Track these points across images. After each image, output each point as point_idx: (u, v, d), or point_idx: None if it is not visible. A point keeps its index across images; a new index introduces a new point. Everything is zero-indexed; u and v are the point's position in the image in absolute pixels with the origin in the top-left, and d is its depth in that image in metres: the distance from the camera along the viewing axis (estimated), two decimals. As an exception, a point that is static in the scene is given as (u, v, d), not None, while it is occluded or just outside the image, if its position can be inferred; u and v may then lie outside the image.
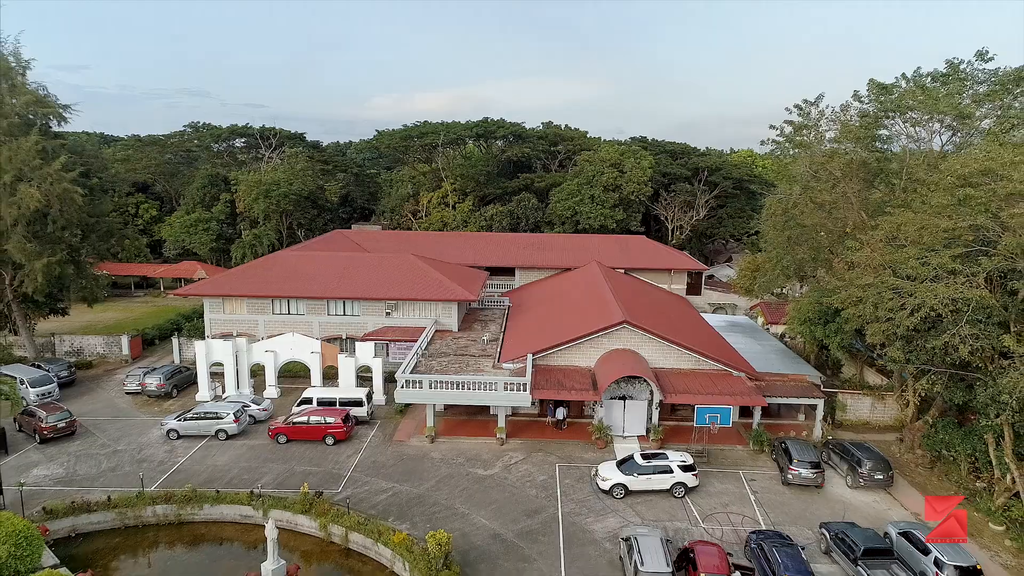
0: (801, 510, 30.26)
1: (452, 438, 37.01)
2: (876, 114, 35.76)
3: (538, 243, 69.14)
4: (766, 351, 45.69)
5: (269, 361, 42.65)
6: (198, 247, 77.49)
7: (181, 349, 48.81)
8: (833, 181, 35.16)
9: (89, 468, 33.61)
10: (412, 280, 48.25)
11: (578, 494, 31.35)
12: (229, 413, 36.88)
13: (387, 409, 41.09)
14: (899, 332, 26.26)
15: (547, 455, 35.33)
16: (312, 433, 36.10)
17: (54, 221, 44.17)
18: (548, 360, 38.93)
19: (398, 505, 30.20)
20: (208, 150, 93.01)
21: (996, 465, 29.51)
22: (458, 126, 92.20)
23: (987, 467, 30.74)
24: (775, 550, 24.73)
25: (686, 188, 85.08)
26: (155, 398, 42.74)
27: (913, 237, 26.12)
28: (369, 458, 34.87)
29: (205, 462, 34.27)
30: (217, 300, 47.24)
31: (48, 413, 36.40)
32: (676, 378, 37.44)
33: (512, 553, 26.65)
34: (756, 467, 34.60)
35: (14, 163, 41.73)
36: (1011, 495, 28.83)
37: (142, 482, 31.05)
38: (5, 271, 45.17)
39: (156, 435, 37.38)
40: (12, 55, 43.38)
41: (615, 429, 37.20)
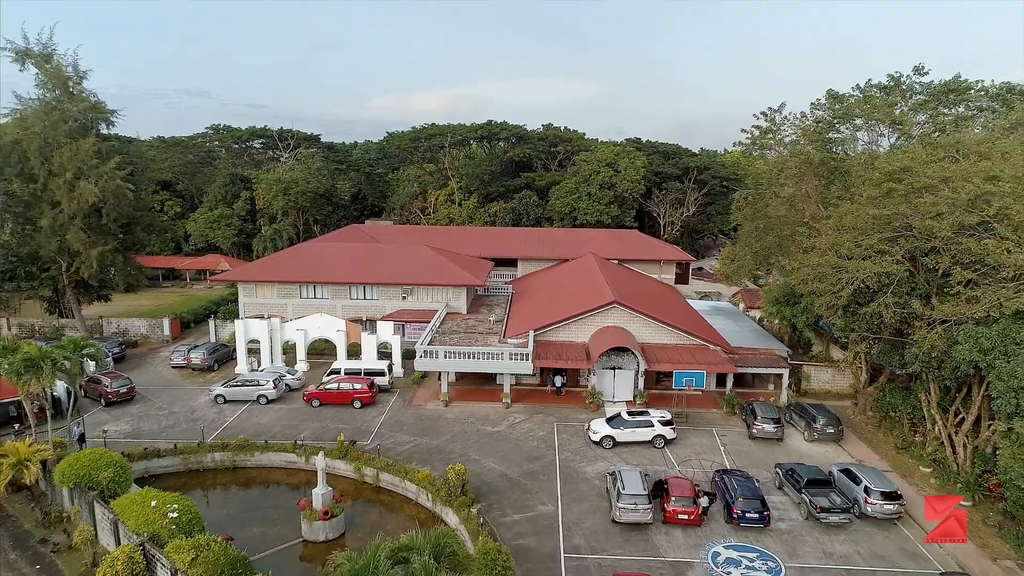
0: (763, 457, 35.59)
1: (463, 403, 42.34)
2: (830, 120, 41.16)
3: (538, 237, 74.50)
4: (743, 331, 50.99)
5: (300, 338, 47.99)
6: (221, 241, 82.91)
7: (217, 329, 54.13)
8: (795, 178, 40.52)
9: (151, 425, 38.99)
10: (425, 268, 53.56)
11: (573, 445, 36.69)
12: (269, 381, 42.26)
13: (405, 380, 46.42)
14: (839, 303, 31.57)
15: (547, 416, 40.67)
16: (342, 398, 41.45)
17: (107, 214, 49.55)
18: (547, 336, 44.25)
19: (419, 453, 35.54)
20: (228, 151, 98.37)
21: (927, 418, 34.84)
22: (463, 128, 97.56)
23: (923, 423, 36.07)
24: (733, 479, 30.13)
25: (677, 186, 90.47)
26: (198, 371, 48.11)
27: (851, 224, 31.40)
28: (392, 418, 40.23)
29: (250, 421, 39.64)
30: (250, 285, 52.60)
31: (112, 380, 41.80)
32: (660, 351, 42.77)
33: (517, 487, 31.99)
34: (728, 426, 39.92)
35: (74, 162, 47.07)
36: (938, 442, 34.14)
37: (203, 433, 36.47)
38: (63, 259, 50.49)
39: (204, 400, 42.75)
40: (71, 66, 48.74)
41: (606, 395, 42.51)
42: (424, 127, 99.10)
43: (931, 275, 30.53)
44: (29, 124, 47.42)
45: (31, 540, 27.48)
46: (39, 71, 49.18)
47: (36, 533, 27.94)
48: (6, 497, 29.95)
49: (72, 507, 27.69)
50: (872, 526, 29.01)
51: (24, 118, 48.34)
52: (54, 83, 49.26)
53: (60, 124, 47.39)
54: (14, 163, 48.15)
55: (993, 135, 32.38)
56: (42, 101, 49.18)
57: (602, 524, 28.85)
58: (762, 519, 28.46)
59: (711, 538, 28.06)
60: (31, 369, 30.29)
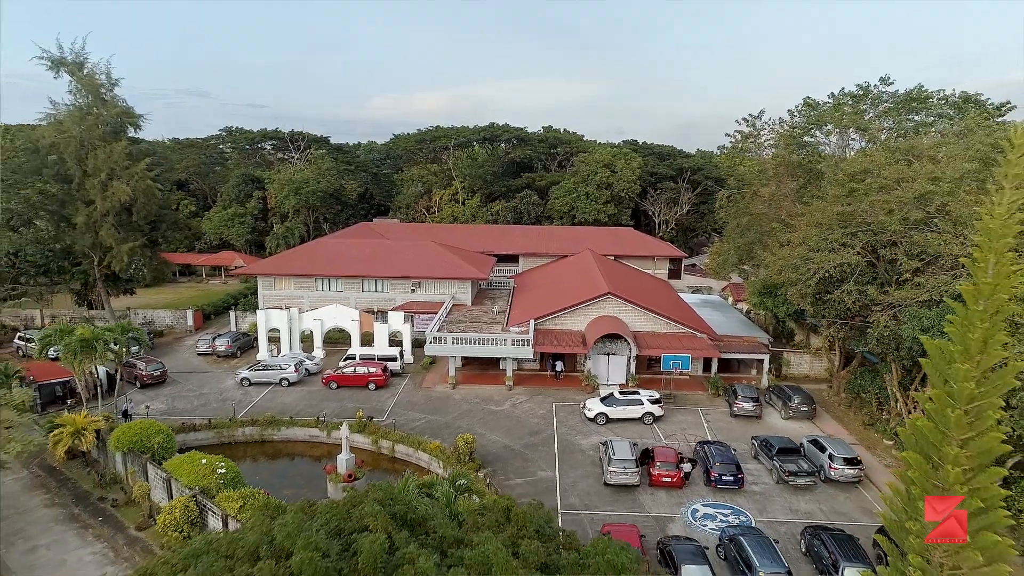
0: (742, 432, 39.19)
1: (470, 386, 45.95)
2: (805, 125, 44.80)
3: (539, 234, 78.10)
4: (730, 321, 54.61)
5: (317, 327, 51.62)
6: (235, 238, 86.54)
7: (237, 320, 57.75)
8: (774, 179, 44.15)
9: (184, 404, 42.61)
10: (433, 262, 57.18)
11: (570, 422, 40.31)
12: (290, 365, 45.90)
13: (415, 366, 50.04)
14: (808, 291, 35.18)
15: (546, 397, 44.30)
16: (358, 380, 45.08)
17: (137, 212, 53.16)
18: (547, 325, 47.85)
19: (430, 428, 39.15)
20: (240, 152, 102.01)
21: (891, 397, 38.45)
22: (467, 130, 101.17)
23: (888, 402, 39.67)
24: (712, 448, 33.78)
25: (671, 186, 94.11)
26: (223, 357, 51.73)
27: (819, 220, 34.99)
28: (404, 399, 43.86)
29: (274, 401, 43.26)
30: (270, 279, 56.21)
31: (146, 364, 45.44)
32: (650, 338, 46.38)
33: (519, 457, 35.63)
34: (712, 406, 43.53)
35: (108, 163, 50.69)
36: (900, 418, 37.74)
37: (234, 410, 40.13)
38: (95, 254, 54.12)
39: (231, 383, 46.38)
40: (104, 74, 52.38)
41: (601, 378, 46.12)
42: (429, 129, 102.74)
43: (889, 266, 34.15)
44: (66, 128, 50.99)
45: (91, 498, 31.13)
46: (72, 78, 52.81)
47: (94, 492, 31.60)
48: (64, 463, 33.61)
49: (128, 468, 31.31)
50: (835, 488, 32.65)
51: (60, 122, 51.92)
52: (87, 90, 52.85)
53: (95, 128, 50.99)
54: (51, 164, 51.76)
55: (944, 140, 35.95)
56: (75, 106, 52.76)
57: (595, 486, 32.47)
58: (736, 482, 32.10)
59: (691, 498, 31.70)
60: (86, 349, 33.93)
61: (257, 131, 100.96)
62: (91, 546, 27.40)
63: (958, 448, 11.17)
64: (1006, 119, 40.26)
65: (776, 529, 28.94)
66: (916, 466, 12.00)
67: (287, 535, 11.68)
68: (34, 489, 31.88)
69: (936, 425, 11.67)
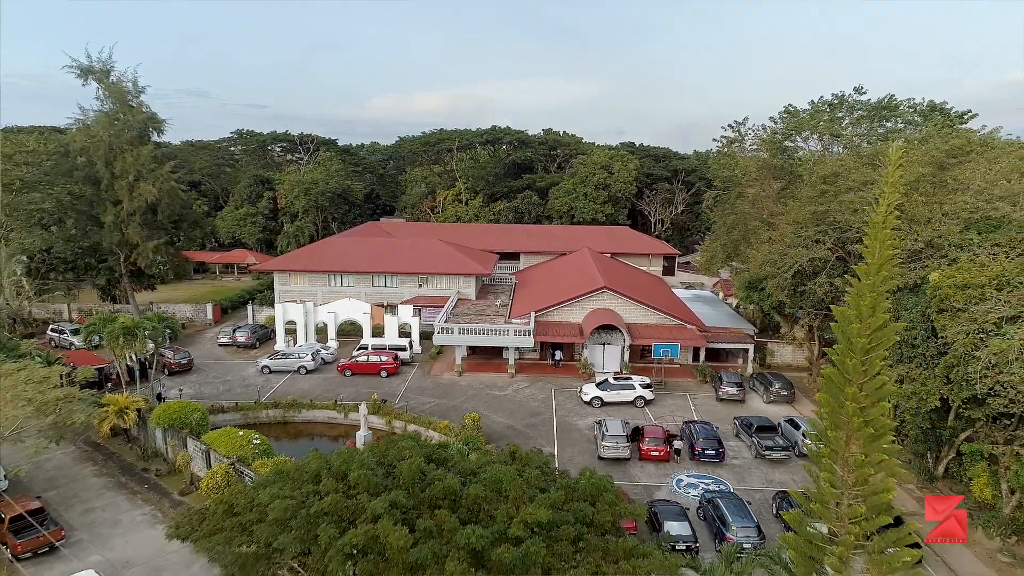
0: (726, 414, 42.55)
1: (474, 373, 49.33)
2: (784, 131, 48.19)
3: (539, 233, 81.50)
4: (719, 314, 57.98)
5: (331, 320, 55.02)
6: (246, 237, 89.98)
7: (254, 313, 61.14)
8: (757, 181, 47.51)
9: (210, 390, 45.97)
10: (439, 259, 60.56)
11: (567, 405, 43.70)
12: (308, 354, 49.30)
13: (423, 355, 53.43)
14: (785, 284, 38.55)
15: (546, 383, 47.68)
16: (371, 368, 48.47)
17: (162, 212, 56.56)
18: (547, 317, 51.20)
19: (439, 410, 42.51)
20: (251, 154, 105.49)
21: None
22: (469, 133, 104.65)
23: (861, 386, 43.05)
24: (697, 426, 37.17)
25: (666, 187, 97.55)
26: (242, 348, 55.12)
27: (795, 219, 38.34)
28: (414, 385, 47.25)
29: (294, 386, 46.64)
30: (285, 274, 59.61)
31: (174, 353, 48.86)
32: (643, 329, 49.75)
33: (521, 435, 38.98)
34: (700, 392, 46.92)
35: (135, 166, 54.09)
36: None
37: (258, 394, 43.53)
38: (121, 251, 57.52)
39: (252, 371, 49.77)
40: (131, 82, 55.79)
41: (597, 367, 49.50)
42: (433, 132, 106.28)
43: (856, 260, 37.51)
44: (95, 133, 54.39)
45: (135, 469, 34.53)
46: (100, 86, 56.21)
47: (137, 464, 35.00)
48: (107, 439, 37.00)
49: (169, 442, 34.71)
50: (807, 461, 35.96)
51: (89, 127, 55.33)
52: (114, 97, 56.25)
53: (123, 133, 54.39)
54: (81, 167, 55.17)
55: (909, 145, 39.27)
56: (104, 112, 56.15)
57: (590, 460, 35.78)
58: (718, 455, 35.49)
59: (677, 470, 35.09)
60: (127, 335, 37.34)
61: (267, 133, 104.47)
62: (140, 508, 30.80)
63: (855, 388, 14.47)
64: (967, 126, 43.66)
65: (752, 495, 32.28)
66: (827, 404, 15.32)
67: (342, 462, 14.98)
68: (83, 462, 35.29)
69: (840, 372, 15.00)
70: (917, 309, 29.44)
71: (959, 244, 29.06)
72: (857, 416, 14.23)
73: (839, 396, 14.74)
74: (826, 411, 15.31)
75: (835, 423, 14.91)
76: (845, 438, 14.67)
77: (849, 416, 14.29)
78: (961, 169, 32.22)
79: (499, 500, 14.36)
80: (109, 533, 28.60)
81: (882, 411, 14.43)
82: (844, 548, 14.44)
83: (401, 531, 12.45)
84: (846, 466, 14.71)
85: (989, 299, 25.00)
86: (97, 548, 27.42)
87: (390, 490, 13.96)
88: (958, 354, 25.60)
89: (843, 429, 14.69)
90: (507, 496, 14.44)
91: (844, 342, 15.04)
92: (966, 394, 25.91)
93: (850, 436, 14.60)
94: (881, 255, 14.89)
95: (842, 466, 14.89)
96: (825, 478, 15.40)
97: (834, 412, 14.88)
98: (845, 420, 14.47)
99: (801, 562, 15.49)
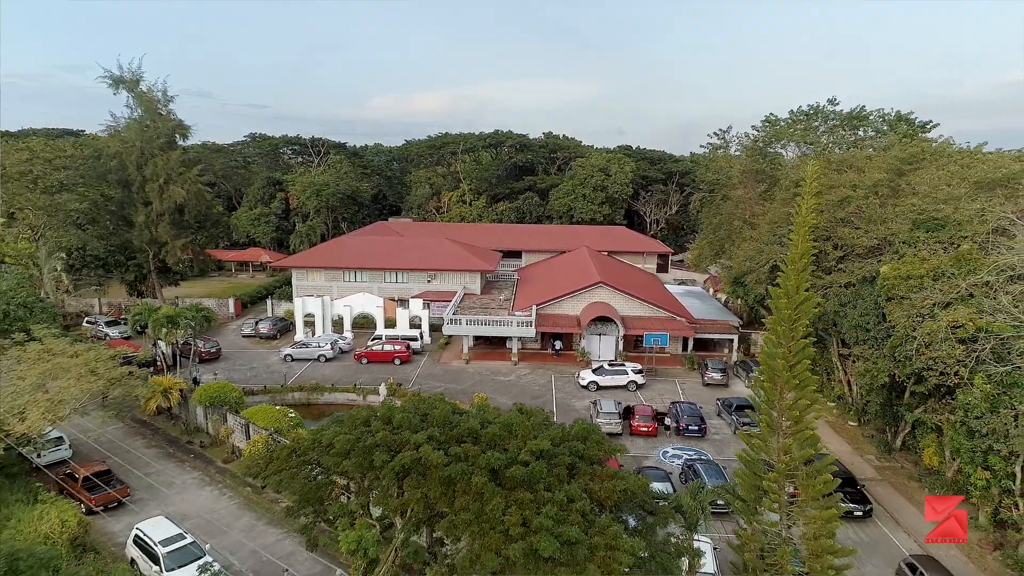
0: (710, 397, 46.75)
1: (480, 361, 53.54)
2: (766, 139, 52.41)
3: (540, 232, 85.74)
4: (708, 308, 62.22)
5: (347, 313, 59.23)
6: (260, 236, 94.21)
7: (273, 307, 65.34)
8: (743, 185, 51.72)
9: (238, 375, 50.13)
10: (446, 256, 64.76)
11: (566, 389, 47.92)
12: (327, 343, 53.52)
13: (432, 345, 57.65)
14: (762, 279, 42.72)
15: (547, 370, 51.90)
16: (385, 356, 52.67)
17: (188, 212, 60.80)
18: (547, 310, 55.41)
19: (449, 394, 46.27)
20: (264, 156, 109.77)
21: (834, 366, 46.00)
22: (473, 137, 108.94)
23: (833, 371, 47.18)
24: (682, 406, 41.39)
25: (661, 189, 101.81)
26: (265, 339, 59.34)
27: (771, 219, 42.54)
28: (425, 371, 51.45)
29: (315, 373, 50.85)
30: (303, 271, 63.84)
31: (204, 342, 53.06)
32: (636, 320, 53.96)
33: (524, 414, 43.17)
34: (688, 377, 51.14)
35: (165, 170, 58.33)
36: (842, 384, 45.27)
37: (284, 378, 47.76)
38: (151, 249, 61.77)
39: (275, 359, 53.97)
40: (161, 92, 60.05)
41: (593, 355, 53.69)
42: (438, 136, 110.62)
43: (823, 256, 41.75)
44: (128, 139, 58.65)
45: (180, 442, 38.75)
46: (130, 95, 60.45)
47: (182, 438, 39.22)
48: (152, 417, 41.20)
49: (211, 418, 38.94)
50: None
51: (120, 133, 59.60)
52: (143, 106, 60.50)
53: (154, 139, 58.64)
54: (114, 170, 59.42)
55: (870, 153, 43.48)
56: (133, 120, 60.41)
57: (586, 435, 40.01)
58: (700, 431, 39.71)
59: (663, 444, 39.30)
60: (170, 323, 41.57)
61: (279, 137, 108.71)
62: (189, 473, 35.04)
63: (785, 349, 18.61)
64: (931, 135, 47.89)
65: (729, 463, 36.36)
66: (764, 362, 19.48)
67: (386, 409, 19.15)
68: (133, 436, 39.52)
69: (774, 337, 19.16)
70: (871, 298, 33.65)
71: (908, 241, 33.21)
72: (786, 371, 18.39)
73: (773, 355, 18.92)
74: (764, 368, 19.51)
75: (770, 377, 19.08)
76: (778, 389, 18.85)
77: (780, 371, 18.44)
78: (914, 175, 36.37)
79: (510, 437, 18.53)
80: (166, 492, 32.83)
81: (806, 367, 18.61)
82: (778, 474, 18.63)
83: (438, 453, 16.60)
84: (780, 410, 18.89)
85: (927, 288, 29.18)
86: (157, 504, 31.62)
87: (426, 428, 18.14)
88: (900, 335, 29.83)
89: (776, 382, 18.87)
90: (516, 434, 18.62)
91: (776, 313, 19.22)
92: (908, 370, 30.12)
93: (782, 387, 18.79)
94: (802, 247, 19.11)
95: (778, 410, 19.07)
96: (763, 420, 19.61)
97: (770, 368, 19.05)
98: (777, 374, 18.63)
99: (748, 488, 19.68)
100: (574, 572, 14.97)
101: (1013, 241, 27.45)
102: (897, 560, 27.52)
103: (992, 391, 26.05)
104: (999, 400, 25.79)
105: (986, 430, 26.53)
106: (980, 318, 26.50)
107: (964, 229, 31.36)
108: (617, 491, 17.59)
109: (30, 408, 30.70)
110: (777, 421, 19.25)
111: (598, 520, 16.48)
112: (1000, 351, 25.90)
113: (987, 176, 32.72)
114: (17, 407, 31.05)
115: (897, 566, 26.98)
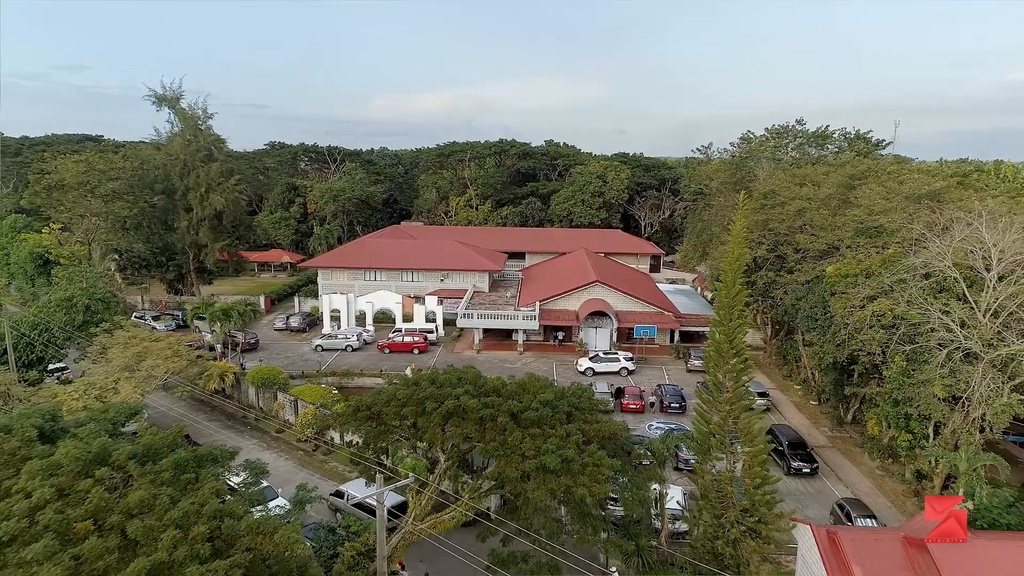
0: (692, 381, 53.32)
1: (490, 351, 60.21)
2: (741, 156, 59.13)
3: (542, 235, 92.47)
4: (694, 304, 68.89)
5: (369, 308, 65.92)
6: (281, 238, 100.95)
7: (300, 304, 72.04)
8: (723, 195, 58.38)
9: (276, 363, 56.58)
10: (457, 257, 71.42)
11: (566, 374, 54.53)
12: (353, 335, 60.22)
13: (446, 337, 64.34)
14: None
15: (549, 359, 58.56)
16: (405, 347, 59.37)
17: (226, 218, 67.51)
18: (549, 306, 62.05)
19: (463, 378, 53.34)
20: (283, 163, 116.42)
21: (801, 355, 52.67)
22: (479, 145, 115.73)
23: (800, 359, 53.82)
24: (666, 387, 48.08)
25: (654, 194, 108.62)
26: (295, 332, 66.04)
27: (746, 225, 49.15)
28: (441, 360, 58.08)
29: (344, 361, 57.51)
30: (328, 270, 70.53)
31: (244, 334, 59.77)
32: (628, 315, 60.61)
33: (529, 395, 49.85)
34: (673, 365, 57.81)
35: (206, 180, 65.05)
36: (807, 370, 51.92)
37: (319, 365, 54.47)
38: (191, 251, 68.49)
39: (306, 349, 60.66)
40: (201, 109, 66.82)
41: (590, 346, 60.36)
42: (447, 144, 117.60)
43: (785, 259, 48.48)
44: (172, 152, 65.39)
45: (236, 416, 45.43)
46: (172, 111, 67.19)
47: (237, 413, 45.90)
48: (209, 396, 47.89)
49: (264, 396, 45.63)
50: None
51: (166, 147, 66.33)
52: (184, 122, 67.22)
53: (196, 152, 65.39)
54: (159, 179, 66.15)
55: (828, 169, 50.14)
56: (177, 134, 67.13)
57: (582, 411, 46.64)
58: (681, 408, 46.37)
59: (649, 419, 45.92)
60: (225, 315, 48.27)
61: (297, 145, 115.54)
62: (249, 440, 41.72)
63: (725, 326, 25.24)
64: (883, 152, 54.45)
65: (703, 434, 43.11)
66: (711, 337, 26.13)
67: (432, 372, 26.00)
68: (196, 412, 46.19)
69: (719, 318, 25.84)
70: (819, 293, 40.32)
71: (851, 245, 39.84)
72: (726, 342, 25.06)
73: (717, 331, 25.61)
74: (711, 341, 26.19)
75: (716, 349, 25.73)
76: (723, 356, 25.52)
77: (722, 343, 25.10)
78: (860, 189, 43.02)
79: (524, 392, 25.18)
80: (233, 454, 39.43)
81: (741, 340, 25.31)
82: (720, 419, 25.37)
83: (474, 401, 23.20)
84: (724, 373, 25.60)
85: (860, 284, 35.82)
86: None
87: (463, 385, 24.78)
88: (839, 323, 36.49)
89: (720, 352, 25.53)
90: (529, 390, 25.29)
91: (720, 300, 25.90)
92: (846, 352, 36.78)
93: (724, 355, 25.45)
94: (737, 251, 25.81)
95: (723, 373, 25.78)
96: (711, 381, 26.31)
97: (716, 341, 25.75)
98: (721, 345, 25.29)
99: (701, 433, 26.40)
100: (570, 479, 21.65)
101: (923, 245, 34.16)
102: (831, 504, 34.28)
103: (906, 366, 32.70)
104: (910, 373, 32.43)
105: (903, 397, 33.20)
106: (897, 308, 33.13)
107: (895, 236, 37.97)
108: (603, 431, 24.26)
109: (123, 383, 37.52)
110: (722, 381, 25.94)
111: (588, 448, 23.17)
112: (911, 334, 32.52)
113: (915, 191, 39.35)
114: (110, 383, 37.92)
115: (831, 507, 33.75)
